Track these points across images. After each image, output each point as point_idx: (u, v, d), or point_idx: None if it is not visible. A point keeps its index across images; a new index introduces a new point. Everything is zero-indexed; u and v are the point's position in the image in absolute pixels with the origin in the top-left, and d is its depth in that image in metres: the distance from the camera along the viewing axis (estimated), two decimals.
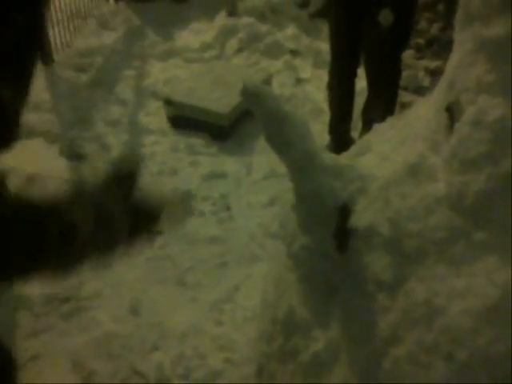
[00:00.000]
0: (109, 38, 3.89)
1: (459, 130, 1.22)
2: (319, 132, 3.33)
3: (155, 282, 2.43)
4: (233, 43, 4.06)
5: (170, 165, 3.01)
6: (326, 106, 3.36)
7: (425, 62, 4.12)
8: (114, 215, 1.14)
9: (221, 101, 3.27)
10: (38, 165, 2.96)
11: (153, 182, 2.90)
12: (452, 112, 1.30)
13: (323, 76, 3.78)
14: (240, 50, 4.04)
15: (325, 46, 4.08)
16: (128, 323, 2.26)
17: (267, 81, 3.58)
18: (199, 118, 3.26)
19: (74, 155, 3.05)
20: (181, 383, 2.06)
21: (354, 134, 3.15)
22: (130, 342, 2.20)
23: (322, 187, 1.44)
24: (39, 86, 3.50)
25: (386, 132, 1.60)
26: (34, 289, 2.32)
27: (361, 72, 3.02)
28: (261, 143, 3.30)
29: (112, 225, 1.15)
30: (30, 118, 3.25)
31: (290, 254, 1.49)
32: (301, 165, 1.45)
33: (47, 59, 3.63)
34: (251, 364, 1.96)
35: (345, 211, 1.42)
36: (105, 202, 1.13)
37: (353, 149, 1.66)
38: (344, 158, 1.64)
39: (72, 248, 1.10)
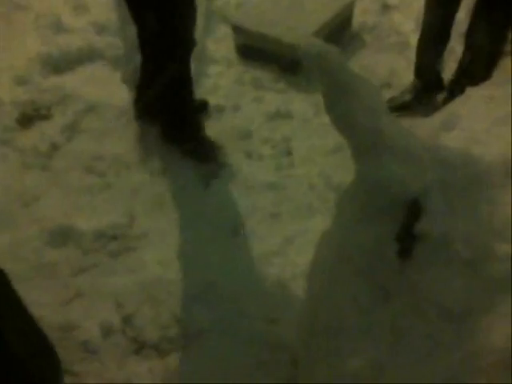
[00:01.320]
0: None
1: None
2: (403, 69, 2.96)
3: (206, 227, 2.30)
4: None
5: (233, 100, 2.77)
6: (414, 39, 2.95)
7: None
8: None
9: (295, 30, 2.93)
10: (98, 91, 2.84)
11: (213, 118, 2.72)
12: None
13: (414, 2, 3.34)
14: None
15: None
16: (174, 268, 2.14)
17: (349, 7, 3.19)
18: (270, 48, 2.96)
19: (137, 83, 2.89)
20: None
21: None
22: (175, 288, 2.10)
23: (390, 174, 1.17)
24: (106, 6, 3.32)
25: (479, 105, 1.29)
26: (85, 223, 2.28)
27: None
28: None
29: None
30: (94, 39, 3.09)
31: (344, 248, 1.28)
32: (367, 146, 1.19)
33: None
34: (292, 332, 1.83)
35: (415, 209, 1.16)
36: None
37: (436, 120, 1.36)
38: (425, 130, 1.35)
39: None
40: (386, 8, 3.32)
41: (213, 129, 2.64)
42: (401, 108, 2.72)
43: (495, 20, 2.33)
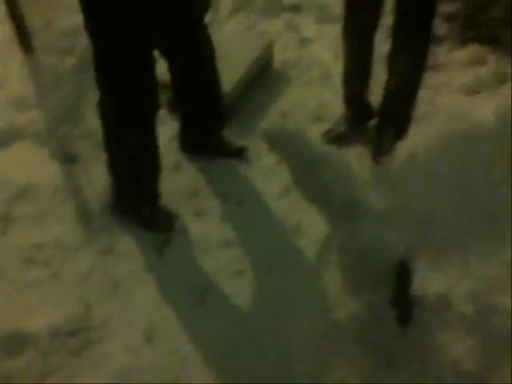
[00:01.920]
0: None
1: None
2: (331, 100, 2.96)
3: (168, 300, 2.14)
4: (225, 5, 3.62)
5: (172, 158, 2.69)
6: (336, 69, 2.97)
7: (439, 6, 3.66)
8: None
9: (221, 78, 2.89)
10: (27, 172, 2.65)
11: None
12: None
13: (329, 33, 3.37)
14: (236, 10, 3.60)
15: None
16: (144, 354, 1.99)
17: (269, 46, 3.17)
18: None
19: (67, 157, 2.73)
20: None
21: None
22: (149, 375, 1.95)
23: (371, 241, 1.13)
24: (21, 78, 3.14)
25: (438, 145, 1.26)
26: (37, 324, 2.08)
27: None
28: (267, 121, 2.96)
29: None
30: (14, 117, 2.91)
31: (335, 322, 1.21)
32: (343, 215, 1.14)
33: (26, 45, 3.24)
34: None
35: (404, 271, 1.12)
36: None
37: (399, 167, 1.33)
38: (387, 177, 1.31)
39: None
40: (303, 42, 3.34)
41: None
42: (337, 140, 2.71)
43: (411, 45, 2.37)
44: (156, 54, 2.21)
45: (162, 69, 2.37)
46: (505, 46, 2.70)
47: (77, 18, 3.43)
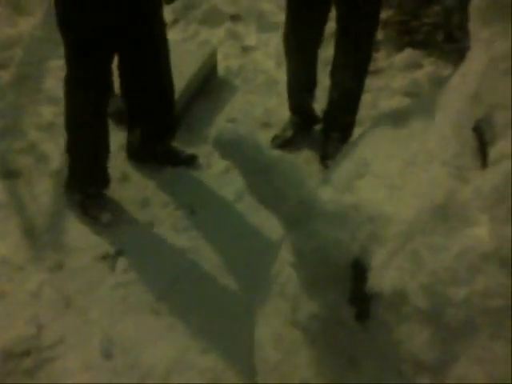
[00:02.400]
0: (26, 24, 3.33)
1: (500, 164, 0.93)
2: (276, 106, 2.99)
3: (124, 314, 2.08)
4: (166, 14, 3.58)
5: (120, 170, 2.63)
6: (279, 76, 3.01)
7: None
8: None
9: None
10: None
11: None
12: (481, 133, 1.01)
13: (270, 41, 3.41)
14: (175, 21, 3.58)
15: (267, 6, 3.69)
16: (102, 370, 1.93)
17: (212, 55, 3.17)
18: None
19: (8, 172, 2.61)
20: None
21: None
22: None
23: (325, 241, 1.14)
24: None
25: (384, 146, 1.30)
26: None
27: None
28: (217, 128, 2.93)
29: None
30: None
31: (296, 323, 1.21)
32: (297, 217, 1.15)
33: None
34: None
35: (359, 269, 1.13)
36: None
37: (346, 169, 1.35)
38: (339, 181, 1.33)
39: None
40: (245, 50, 3.36)
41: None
42: (285, 144, 2.74)
43: (355, 58, 2.41)
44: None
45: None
46: (439, 49, 2.82)
47: (10, 31, 3.37)
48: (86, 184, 2.43)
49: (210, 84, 3.11)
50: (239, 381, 1.86)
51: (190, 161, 2.65)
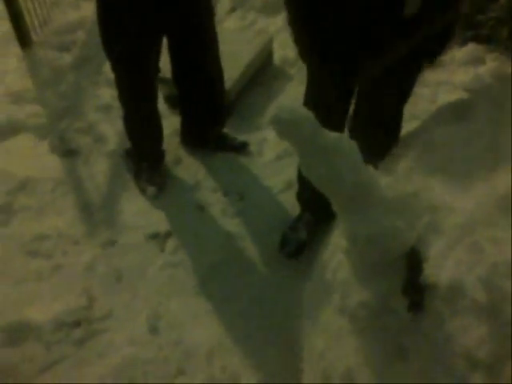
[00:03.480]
0: (89, 8, 3.45)
1: None
2: None
3: (171, 293, 2.13)
4: (224, 2, 3.64)
5: (174, 153, 2.69)
6: None
7: None
8: None
9: None
10: (28, 165, 2.64)
11: None
12: None
13: None
14: (233, 9, 3.62)
15: None
16: (148, 345, 1.98)
17: (268, 43, 3.19)
18: None
19: (67, 151, 2.72)
20: None
21: None
22: (153, 366, 1.93)
23: (382, 228, 1.13)
24: (20, 73, 3.13)
25: (446, 142, 1.28)
26: (40, 315, 2.08)
27: None
28: (280, 105, 2.91)
29: None
30: (13, 110, 2.90)
31: (344, 310, 1.21)
32: (354, 202, 1.15)
33: (25, 40, 3.23)
34: None
35: (415, 259, 1.12)
36: None
37: (407, 159, 1.34)
38: (400, 171, 1.33)
39: None
40: None
41: None
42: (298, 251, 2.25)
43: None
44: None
45: (162, 63, 2.41)
46: (503, 45, 2.73)
47: (74, 14, 3.49)
48: (140, 158, 2.53)
49: (265, 73, 3.13)
50: (281, 369, 1.87)
51: (242, 148, 2.69)
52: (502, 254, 1.01)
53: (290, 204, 2.40)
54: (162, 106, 2.88)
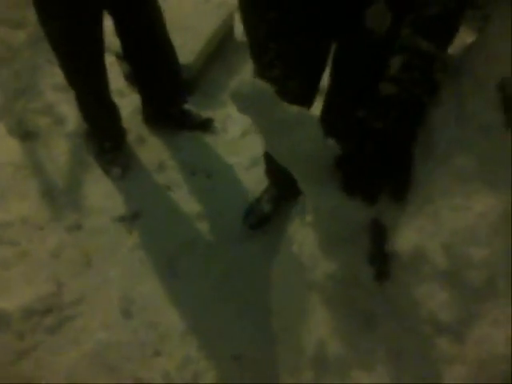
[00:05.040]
0: None
1: None
2: None
3: (142, 275, 2.13)
4: None
5: (136, 131, 2.63)
6: None
7: None
8: None
9: (181, 49, 2.83)
10: None
11: None
12: (506, 91, 1.01)
13: None
14: None
15: None
16: (122, 328, 1.98)
17: (229, 17, 3.14)
18: None
19: (25, 133, 2.63)
20: None
21: None
22: (128, 349, 1.94)
23: (343, 201, 1.15)
24: None
25: None
26: (9, 303, 2.03)
27: None
28: (241, 79, 2.86)
29: None
30: None
31: (312, 283, 1.23)
32: (316, 176, 1.16)
33: None
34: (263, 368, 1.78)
35: (378, 228, 1.15)
36: None
37: None
38: None
39: None
40: None
41: None
42: (260, 223, 2.31)
43: None
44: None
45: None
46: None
47: None
48: (100, 138, 2.47)
49: (226, 47, 3.08)
50: (256, 343, 1.90)
51: (206, 124, 2.65)
52: (461, 221, 1.03)
53: (257, 180, 2.40)
54: (122, 83, 2.82)
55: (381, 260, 1.14)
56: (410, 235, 1.11)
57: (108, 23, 2.18)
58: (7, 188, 2.41)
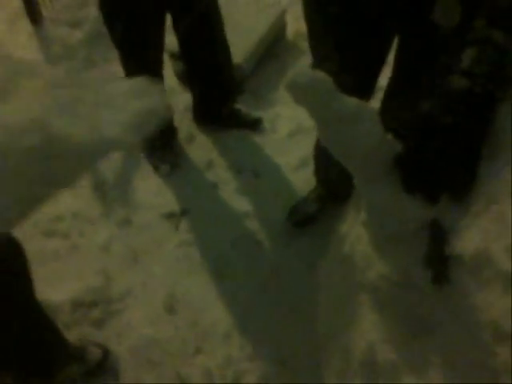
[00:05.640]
0: None
1: None
2: None
3: (187, 272, 2.13)
4: None
5: (186, 130, 2.64)
6: None
7: None
8: None
9: (233, 48, 2.82)
10: None
11: None
12: None
13: None
14: None
15: None
16: (165, 324, 1.99)
17: (281, 17, 3.10)
18: None
19: None
20: None
21: None
22: (171, 346, 1.93)
23: (402, 201, 1.10)
24: (30, 50, 3.08)
25: None
26: (58, 295, 2.07)
27: None
28: (284, 93, 2.84)
29: None
30: None
31: (364, 284, 1.19)
32: (371, 171, 1.11)
33: (35, 16, 3.17)
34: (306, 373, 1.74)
35: (438, 229, 1.09)
36: None
37: None
38: None
39: None
40: None
41: None
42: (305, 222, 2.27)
43: None
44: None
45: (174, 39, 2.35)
46: None
47: None
48: (151, 136, 2.46)
49: (278, 46, 3.06)
50: (300, 346, 1.86)
51: (255, 124, 2.64)
52: None
53: (305, 181, 2.36)
54: (174, 82, 2.84)
55: (440, 262, 1.08)
56: (472, 237, 1.05)
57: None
58: None
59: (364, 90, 1.58)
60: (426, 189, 1.11)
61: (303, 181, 2.38)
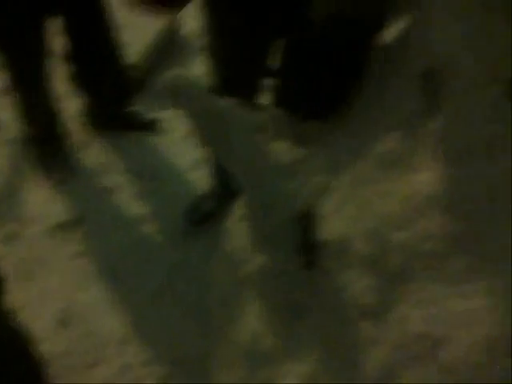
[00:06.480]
0: None
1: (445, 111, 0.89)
2: None
3: (82, 283, 2.05)
4: None
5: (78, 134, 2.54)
6: None
7: None
8: None
9: (127, 48, 2.74)
10: None
11: None
12: (429, 82, 0.97)
13: None
14: None
15: None
16: (60, 338, 1.91)
17: (176, 16, 3.06)
18: None
19: None
20: None
21: None
22: (67, 360, 1.86)
23: (275, 193, 1.11)
24: None
25: None
26: None
27: None
28: (171, 73, 2.80)
29: None
30: None
31: (244, 277, 1.18)
32: (248, 169, 1.11)
33: None
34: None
35: (307, 218, 1.10)
36: None
37: None
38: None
39: None
40: None
41: None
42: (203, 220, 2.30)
43: None
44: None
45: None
46: None
47: None
48: (41, 143, 2.39)
49: (172, 46, 3.01)
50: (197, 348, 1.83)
51: (151, 125, 2.58)
52: (388, 206, 1.00)
53: (203, 181, 2.33)
54: (64, 86, 2.72)
55: (309, 250, 1.11)
56: (338, 224, 1.08)
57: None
58: None
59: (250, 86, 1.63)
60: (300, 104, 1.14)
61: (201, 181, 2.35)
